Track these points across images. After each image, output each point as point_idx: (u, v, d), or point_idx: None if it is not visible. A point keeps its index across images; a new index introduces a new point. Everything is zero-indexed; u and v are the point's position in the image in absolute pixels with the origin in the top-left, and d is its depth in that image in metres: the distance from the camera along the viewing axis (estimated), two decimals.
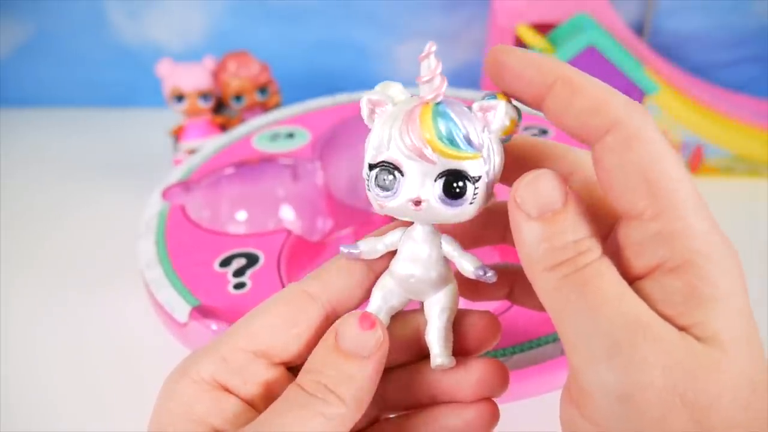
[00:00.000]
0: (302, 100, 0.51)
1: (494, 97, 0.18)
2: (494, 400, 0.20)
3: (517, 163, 0.20)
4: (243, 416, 0.18)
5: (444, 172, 0.17)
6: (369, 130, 0.19)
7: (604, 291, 0.15)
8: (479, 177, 0.18)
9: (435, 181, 0.17)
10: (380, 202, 0.18)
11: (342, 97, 0.50)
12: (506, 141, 0.18)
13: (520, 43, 0.56)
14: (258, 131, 0.47)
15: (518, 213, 0.17)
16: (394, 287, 0.20)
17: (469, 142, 0.17)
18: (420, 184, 0.18)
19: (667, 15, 0.59)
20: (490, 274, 0.19)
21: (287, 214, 0.42)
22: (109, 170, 0.58)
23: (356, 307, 0.20)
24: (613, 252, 0.17)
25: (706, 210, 0.16)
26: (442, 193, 0.18)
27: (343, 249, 0.20)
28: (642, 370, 0.14)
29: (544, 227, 0.16)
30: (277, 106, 0.53)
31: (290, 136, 0.46)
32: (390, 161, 0.18)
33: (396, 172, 0.18)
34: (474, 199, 0.18)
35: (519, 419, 0.28)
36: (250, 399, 0.18)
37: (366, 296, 0.20)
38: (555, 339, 0.29)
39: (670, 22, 0.60)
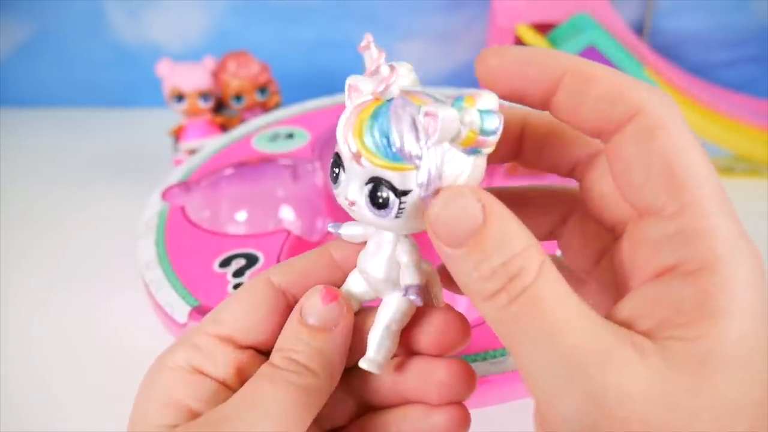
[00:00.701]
0: (302, 100, 0.51)
1: (462, 99, 0.16)
2: (465, 404, 0.20)
3: (539, 145, 0.19)
4: (218, 395, 0.18)
5: (371, 178, 0.16)
6: None
7: (548, 318, 0.14)
8: (408, 191, 0.16)
9: (365, 185, 0.16)
10: (335, 191, 0.18)
11: (342, 97, 0.50)
12: (475, 153, 0.16)
13: (520, 43, 0.56)
14: (258, 131, 0.47)
15: (439, 244, 0.15)
16: (362, 282, 0.20)
17: (399, 151, 0.15)
18: (353, 185, 0.17)
19: (667, 15, 0.59)
20: (413, 297, 0.17)
21: (287, 215, 0.42)
22: (109, 170, 0.58)
23: None
24: (625, 251, 0.16)
25: (731, 209, 0.14)
26: (368, 200, 0.17)
27: (330, 227, 0.20)
28: (601, 402, 0.13)
29: (469, 254, 0.15)
30: (277, 106, 0.53)
31: (290, 136, 0.46)
32: (339, 154, 0.17)
33: (341, 168, 0.17)
34: (400, 213, 0.16)
35: (518, 419, 0.29)
36: (223, 379, 0.19)
37: None
38: None
39: (670, 22, 0.60)
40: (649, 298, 0.15)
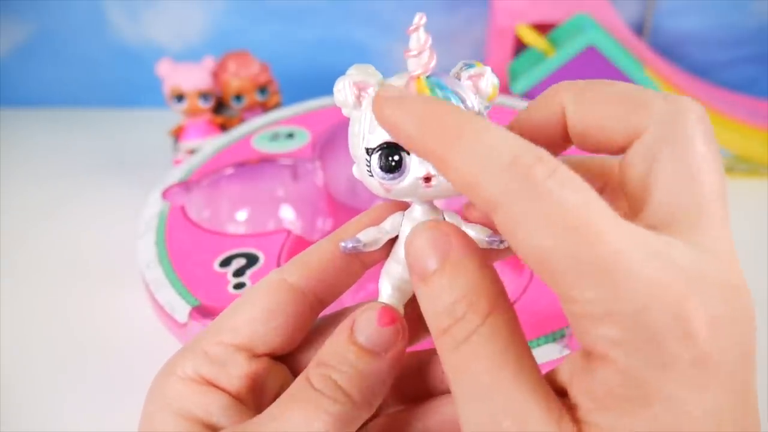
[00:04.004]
0: (302, 100, 0.51)
1: (473, 65, 0.18)
2: None
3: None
4: (230, 409, 0.18)
5: None
6: (353, 116, 0.18)
7: (476, 381, 0.14)
8: None
9: None
10: (386, 185, 0.18)
11: None
12: (488, 108, 0.18)
13: (520, 43, 0.56)
14: (258, 131, 0.47)
15: (412, 276, 0.16)
16: (403, 272, 0.19)
17: (470, 111, 0.17)
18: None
19: (667, 15, 0.59)
20: (499, 240, 0.18)
21: (287, 214, 0.42)
22: (109, 170, 0.58)
23: (341, 293, 0.20)
24: None
25: (727, 231, 0.14)
26: None
27: (343, 245, 0.19)
28: None
29: (426, 290, 0.15)
30: (277, 106, 0.53)
31: (290, 136, 0.46)
32: (393, 141, 0.17)
33: (401, 152, 0.17)
34: None
35: None
36: (235, 392, 0.18)
37: (351, 282, 0.20)
38: (554, 339, 0.29)
39: (670, 22, 0.60)
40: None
